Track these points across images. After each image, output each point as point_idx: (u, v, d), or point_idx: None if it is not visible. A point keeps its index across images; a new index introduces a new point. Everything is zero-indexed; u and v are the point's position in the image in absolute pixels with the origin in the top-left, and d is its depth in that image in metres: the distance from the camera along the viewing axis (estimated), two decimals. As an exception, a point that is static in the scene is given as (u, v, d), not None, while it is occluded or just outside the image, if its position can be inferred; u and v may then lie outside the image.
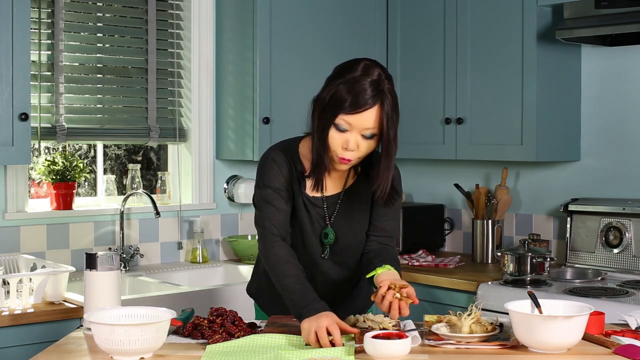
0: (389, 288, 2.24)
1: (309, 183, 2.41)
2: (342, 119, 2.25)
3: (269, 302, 2.58)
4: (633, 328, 2.37)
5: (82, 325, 2.52)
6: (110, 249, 3.77)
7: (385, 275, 2.32)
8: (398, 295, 2.23)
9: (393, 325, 2.28)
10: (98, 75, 3.84)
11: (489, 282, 3.46)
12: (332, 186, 2.46)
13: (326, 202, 2.45)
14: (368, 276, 2.37)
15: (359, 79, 2.24)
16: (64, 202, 3.68)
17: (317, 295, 2.27)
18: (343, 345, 2.14)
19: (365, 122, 2.25)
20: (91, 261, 2.43)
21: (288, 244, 2.40)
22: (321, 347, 2.13)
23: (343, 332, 2.17)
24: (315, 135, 2.31)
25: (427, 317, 2.38)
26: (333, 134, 2.28)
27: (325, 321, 2.15)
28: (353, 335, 2.21)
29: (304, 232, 2.45)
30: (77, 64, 3.77)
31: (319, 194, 2.44)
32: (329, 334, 2.14)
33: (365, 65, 2.28)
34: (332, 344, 2.14)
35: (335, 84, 2.27)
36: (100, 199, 3.94)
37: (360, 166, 2.44)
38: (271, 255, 2.36)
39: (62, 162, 3.67)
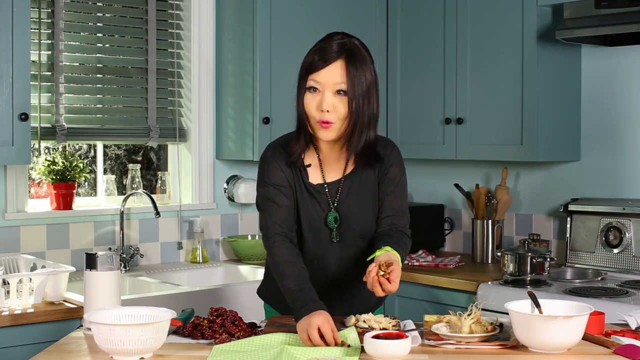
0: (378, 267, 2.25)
1: (310, 170, 2.44)
2: (312, 80, 2.33)
3: (284, 305, 2.57)
4: (633, 328, 2.38)
5: (82, 325, 2.52)
6: (110, 249, 3.77)
7: (382, 257, 2.31)
8: (382, 272, 2.23)
9: (393, 326, 2.28)
10: (98, 75, 3.84)
11: (489, 282, 3.46)
12: (333, 173, 2.48)
13: (328, 188, 2.47)
14: (368, 259, 2.37)
15: (325, 42, 2.35)
16: (64, 202, 3.68)
17: (316, 295, 2.27)
18: (337, 344, 2.14)
19: (332, 76, 2.30)
20: (91, 261, 2.43)
21: (292, 240, 2.41)
22: (314, 346, 2.13)
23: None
24: (296, 109, 2.39)
25: (427, 317, 2.38)
26: (307, 98, 2.35)
27: (317, 320, 2.15)
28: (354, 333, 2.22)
29: (312, 221, 2.46)
30: (77, 64, 3.77)
31: (320, 180, 2.46)
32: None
33: (338, 35, 2.37)
34: (327, 344, 2.14)
35: (308, 53, 2.38)
36: (100, 199, 3.94)
37: (358, 155, 2.43)
38: (272, 255, 2.37)
39: (62, 162, 3.67)
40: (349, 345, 2.14)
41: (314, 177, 2.47)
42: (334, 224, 2.47)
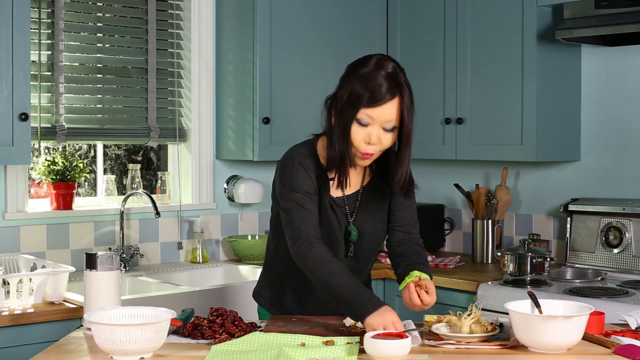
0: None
1: (333, 183, 2.43)
2: (364, 113, 2.29)
3: (279, 309, 2.58)
4: (633, 328, 2.37)
5: (82, 325, 2.52)
6: (110, 249, 3.77)
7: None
8: (418, 287, 2.32)
9: (393, 326, 2.29)
10: (98, 75, 3.84)
11: (489, 282, 3.46)
12: (351, 185, 2.48)
13: (347, 201, 2.47)
14: (400, 288, 2.42)
15: (374, 74, 2.29)
16: (64, 202, 3.67)
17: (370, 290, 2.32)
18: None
19: (386, 114, 2.29)
20: (91, 261, 2.43)
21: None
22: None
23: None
24: (337, 133, 2.34)
25: (427, 317, 2.38)
26: (355, 129, 2.31)
27: (390, 317, 2.19)
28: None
29: (330, 234, 2.46)
30: (77, 64, 3.77)
31: (340, 194, 2.46)
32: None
33: (378, 59, 2.33)
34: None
35: (351, 81, 2.31)
36: (100, 199, 3.94)
37: (375, 163, 2.47)
38: (311, 256, 2.33)
39: (62, 162, 3.67)
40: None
41: (334, 190, 2.46)
42: (352, 239, 2.48)
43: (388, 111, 2.29)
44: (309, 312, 2.51)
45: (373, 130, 2.31)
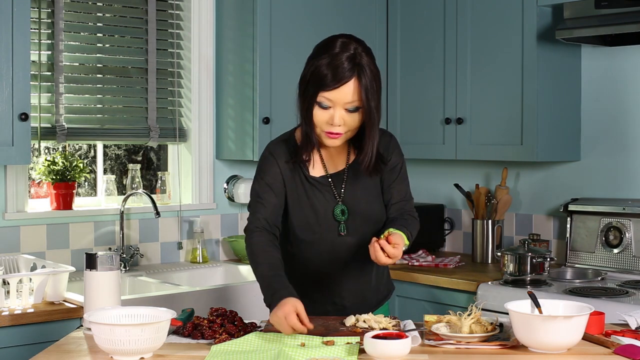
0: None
1: (310, 163, 2.47)
2: (323, 97, 2.32)
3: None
4: (633, 328, 2.38)
5: (82, 325, 2.52)
6: (110, 249, 3.77)
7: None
8: (382, 236, 2.25)
9: (393, 326, 2.29)
10: (98, 75, 3.84)
11: (489, 282, 3.46)
12: (335, 164, 2.50)
13: (332, 180, 2.48)
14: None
15: (335, 55, 2.31)
16: (64, 202, 3.68)
17: (288, 282, 2.30)
18: (306, 333, 2.18)
19: (345, 96, 2.31)
20: (91, 261, 2.43)
21: (273, 234, 2.43)
22: (296, 332, 2.17)
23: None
24: (301, 115, 2.39)
25: (427, 317, 2.38)
26: (317, 112, 2.35)
27: (284, 310, 2.17)
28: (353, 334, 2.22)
29: (318, 215, 2.47)
30: (77, 64, 3.77)
31: (323, 173, 2.48)
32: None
33: (343, 42, 2.35)
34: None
35: (314, 62, 2.34)
36: (100, 199, 3.94)
37: (357, 141, 2.46)
38: (248, 245, 2.41)
39: (62, 162, 3.67)
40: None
41: (316, 170, 2.48)
42: (342, 217, 2.48)
43: (346, 93, 2.30)
44: (311, 307, 2.50)
45: (335, 112, 2.33)
